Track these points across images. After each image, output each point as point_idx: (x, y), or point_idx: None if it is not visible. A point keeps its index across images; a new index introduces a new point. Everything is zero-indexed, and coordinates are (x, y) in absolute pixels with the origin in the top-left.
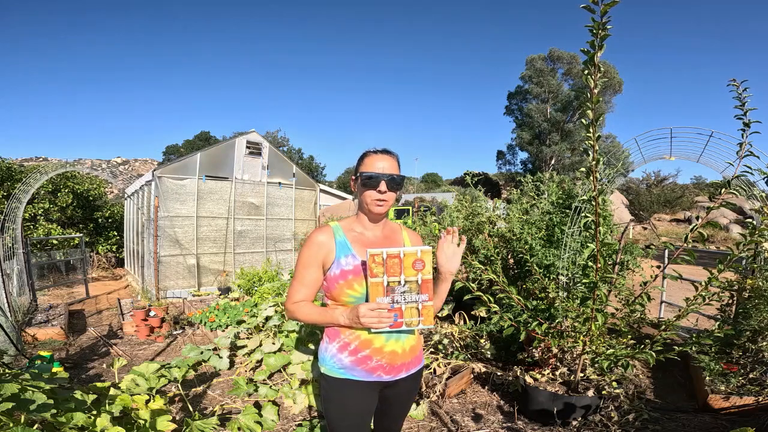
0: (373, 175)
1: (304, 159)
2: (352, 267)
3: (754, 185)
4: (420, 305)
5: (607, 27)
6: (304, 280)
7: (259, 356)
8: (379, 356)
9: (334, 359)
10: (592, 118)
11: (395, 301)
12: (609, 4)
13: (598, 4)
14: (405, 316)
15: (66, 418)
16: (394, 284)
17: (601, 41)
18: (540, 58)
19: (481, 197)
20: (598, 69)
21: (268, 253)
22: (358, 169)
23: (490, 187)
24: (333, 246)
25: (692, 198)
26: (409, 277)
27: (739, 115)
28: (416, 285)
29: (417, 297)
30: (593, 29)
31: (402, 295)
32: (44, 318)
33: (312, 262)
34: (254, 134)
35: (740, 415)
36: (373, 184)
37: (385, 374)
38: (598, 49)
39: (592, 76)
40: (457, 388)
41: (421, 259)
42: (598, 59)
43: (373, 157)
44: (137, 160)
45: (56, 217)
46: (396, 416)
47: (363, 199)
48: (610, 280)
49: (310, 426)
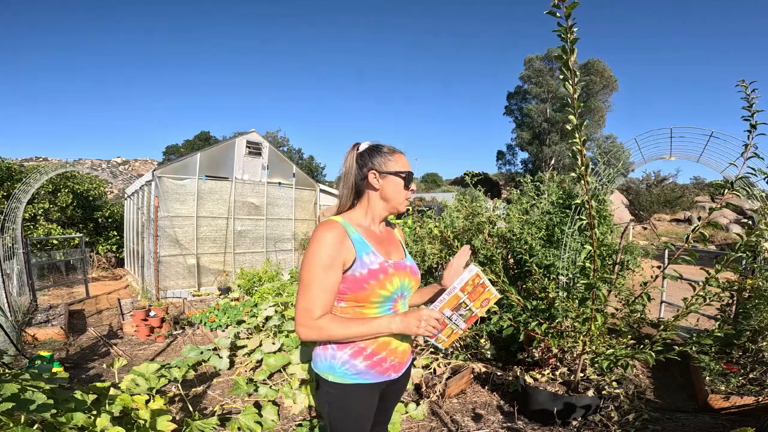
0: (409, 173)
1: (304, 159)
2: (378, 265)
3: (754, 185)
4: (455, 330)
5: (573, 30)
6: (326, 285)
7: (259, 356)
8: (393, 356)
9: (346, 366)
10: (576, 123)
11: (450, 318)
12: (571, 6)
13: (560, 7)
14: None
15: (66, 418)
16: (463, 306)
17: (572, 45)
18: (538, 58)
19: (481, 197)
20: (574, 74)
21: (268, 253)
22: (384, 164)
23: (490, 187)
24: (350, 243)
25: (692, 198)
26: (474, 308)
27: (746, 116)
28: (470, 315)
29: (462, 324)
30: (561, 34)
31: (458, 317)
32: (44, 318)
33: (335, 263)
34: (254, 134)
35: (740, 415)
36: (407, 184)
37: (394, 373)
38: (570, 54)
39: (569, 81)
40: (457, 388)
41: (489, 300)
42: (573, 63)
43: (401, 156)
44: (137, 160)
45: (56, 217)
46: (390, 410)
47: (393, 197)
48: (610, 280)
49: (310, 426)
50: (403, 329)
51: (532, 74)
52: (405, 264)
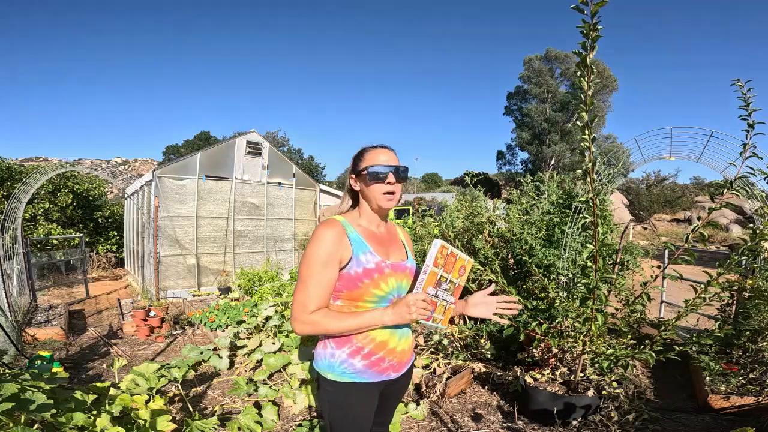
0: (380, 168)
1: (304, 159)
2: (375, 265)
3: (753, 185)
4: (447, 306)
5: (597, 28)
6: (322, 281)
7: (259, 356)
8: (391, 356)
9: (345, 365)
10: (587, 120)
11: (437, 295)
12: (599, 4)
13: (587, 4)
14: (435, 312)
15: (66, 418)
16: (443, 280)
17: (593, 42)
18: (537, 59)
19: (481, 197)
20: (591, 71)
21: (268, 253)
22: (357, 165)
23: (490, 187)
24: (348, 242)
25: (692, 198)
26: (454, 279)
27: (743, 115)
28: (453, 287)
29: (450, 298)
30: (584, 30)
31: (443, 292)
32: (44, 318)
33: (332, 260)
34: (254, 134)
35: (740, 415)
36: (382, 178)
37: (393, 373)
38: (590, 51)
39: (585, 78)
40: (457, 388)
41: (465, 266)
42: (591, 60)
43: (373, 151)
44: (137, 160)
45: (56, 217)
46: (392, 410)
47: (371, 195)
48: (610, 280)
49: (310, 426)
50: (397, 320)
51: (531, 74)
52: (404, 266)
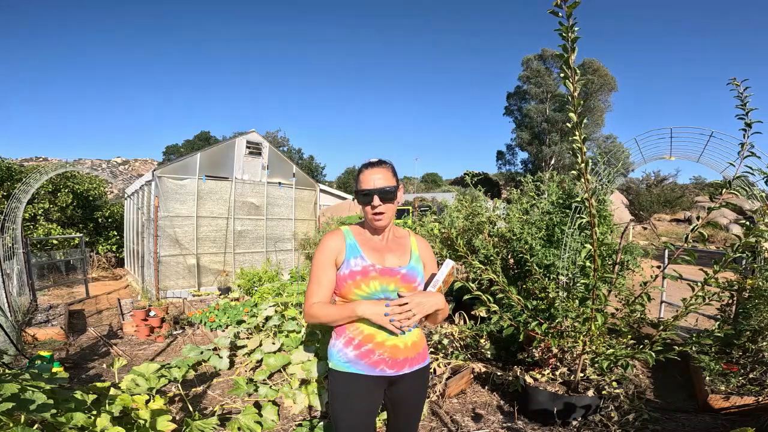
0: (365, 191)
1: (304, 159)
2: (361, 268)
3: (753, 185)
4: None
5: (575, 29)
6: (321, 281)
7: (259, 356)
8: (381, 350)
9: (340, 354)
10: (576, 120)
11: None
12: (572, 6)
13: (562, 7)
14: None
15: (66, 418)
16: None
17: (572, 44)
18: (536, 59)
19: (481, 197)
20: (575, 72)
21: (268, 253)
22: (355, 185)
23: (490, 187)
24: (344, 248)
25: (692, 198)
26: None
27: (740, 115)
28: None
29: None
30: (562, 33)
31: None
32: (44, 318)
33: (327, 264)
34: (254, 134)
35: (740, 415)
36: (367, 201)
37: (388, 368)
38: (571, 52)
39: (569, 79)
40: (457, 388)
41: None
42: (573, 62)
43: (365, 172)
44: (137, 160)
45: (56, 217)
46: (407, 416)
47: (364, 213)
48: (610, 280)
49: (310, 426)
50: (369, 314)
51: (530, 74)
52: (396, 270)
